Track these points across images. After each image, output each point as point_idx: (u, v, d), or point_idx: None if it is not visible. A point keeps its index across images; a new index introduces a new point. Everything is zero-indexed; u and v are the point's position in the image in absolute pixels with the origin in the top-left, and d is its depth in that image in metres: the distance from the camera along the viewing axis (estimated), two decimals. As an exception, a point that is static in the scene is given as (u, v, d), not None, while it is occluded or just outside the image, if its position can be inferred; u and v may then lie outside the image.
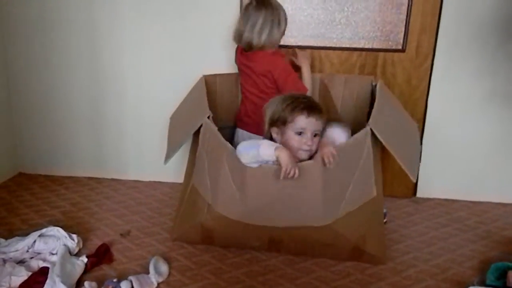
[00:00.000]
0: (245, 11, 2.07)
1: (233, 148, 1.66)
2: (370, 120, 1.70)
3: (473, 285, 1.74)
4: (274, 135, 1.78)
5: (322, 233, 1.67)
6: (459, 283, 1.77)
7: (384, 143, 1.67)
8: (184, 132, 1.92)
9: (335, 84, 2.21)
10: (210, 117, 1.79)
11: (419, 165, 1.91)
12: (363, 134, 1.67)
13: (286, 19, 2.07)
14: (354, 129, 2.16)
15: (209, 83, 2.15)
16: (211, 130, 1.74)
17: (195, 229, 1.87)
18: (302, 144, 1.71)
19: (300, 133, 1.71)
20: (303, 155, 1.71)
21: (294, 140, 1.72)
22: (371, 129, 1.67)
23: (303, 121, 1.71)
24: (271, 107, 1.79)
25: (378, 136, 1.66)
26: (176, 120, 2.13)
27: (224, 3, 2.32)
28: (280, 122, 1.75)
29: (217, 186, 1.67)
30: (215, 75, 2.22)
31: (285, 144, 1.72)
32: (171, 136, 2.06)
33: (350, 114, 2.20)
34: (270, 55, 2.05)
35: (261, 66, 2.04)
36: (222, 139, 1.70)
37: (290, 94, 1.81)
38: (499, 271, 1.75)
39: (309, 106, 1.73)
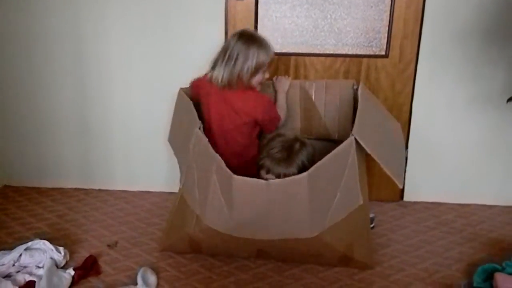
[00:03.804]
0: (225, 42, 2.03)
1: (221, 159, 1.63)
2: (354, 128, 1.67)
3: (461, 287, 1.76)
4: None
5: (310, 244, 1.67)
6: (447, 286, 1.79)
7: (369, 152, 1.66)
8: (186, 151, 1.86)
9: (316, 90, 2.20)
10: (201, 128, 1.77)
11: (404, 170, 1.92)
12: (348, 144, 1.64)
13: (258, 57, 1.94)
14: (339, 134, 2.19)
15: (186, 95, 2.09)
16: (200, 140, 1.72)
17: (183, 240, 1.86)
18: None
19: None
20: None
21: None
22: (355, 138, 1.65)
23: (262, 176, 1.84)
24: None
25: (363, 145, 1.65)
26: (175, 142, 2.05)
27: (210, 15, 2.33)
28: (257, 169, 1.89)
29: (206, 198, 1.65)
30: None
31: None
32: (180, 160, 1.96)
33: (334, 119, 2.20)
34: (252, 96, 2.00)
35: (244, 106, 1.99)
36: (211, 150, 1.67)
37: (270, 143, 1.91)
38: (486, 273, 1.77)
39: (271, 161, 1.83)
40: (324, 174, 1.60)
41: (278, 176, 1.80)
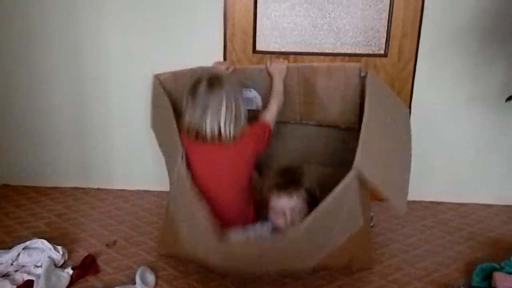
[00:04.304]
0: (194, 95, 1.74)
1: (210, 217, 1.59)
2: (356, 159, 1.48)
3: (459, 286, 1.76)
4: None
5: (307, 268, 1.70)
6: (446, 285, 1.79)
7: (375, 185, 1.52)
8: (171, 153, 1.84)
9: (317, 74, 1.98)
10: (183, 157, 1.71)
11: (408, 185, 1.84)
12: (350, 179, 1.48)
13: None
14: (345, 124, 2.05)
15: (167, 82, 1.97)
16: (184, 179, 1.67)
17: (178, 254, 1.86)
18: (282, 223, 1.74)
19: (279, 213, 1.75)
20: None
21: (275, 219, 1.76)
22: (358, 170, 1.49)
23: (275, 201, 1.75)
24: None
25: (368, 178, 1.49)
26: (159, 132, 1.98)
27: (209, 15, 2.33)
28: (264, 202, 1.81)
29: (195, 237, 1.64)
30: (172, 73, 1.99)
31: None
32: (165, 152, 1.92)
33: (337, 106, 2.02)
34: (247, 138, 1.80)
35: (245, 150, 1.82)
36: (196, 195, 1.64)
37: (268, 175, 1.89)
38: (484, 272, 1.77)
39: (279, 187, 1.75)
40: (322, 219, 1.52)
41: (290, 196, 1.72)
